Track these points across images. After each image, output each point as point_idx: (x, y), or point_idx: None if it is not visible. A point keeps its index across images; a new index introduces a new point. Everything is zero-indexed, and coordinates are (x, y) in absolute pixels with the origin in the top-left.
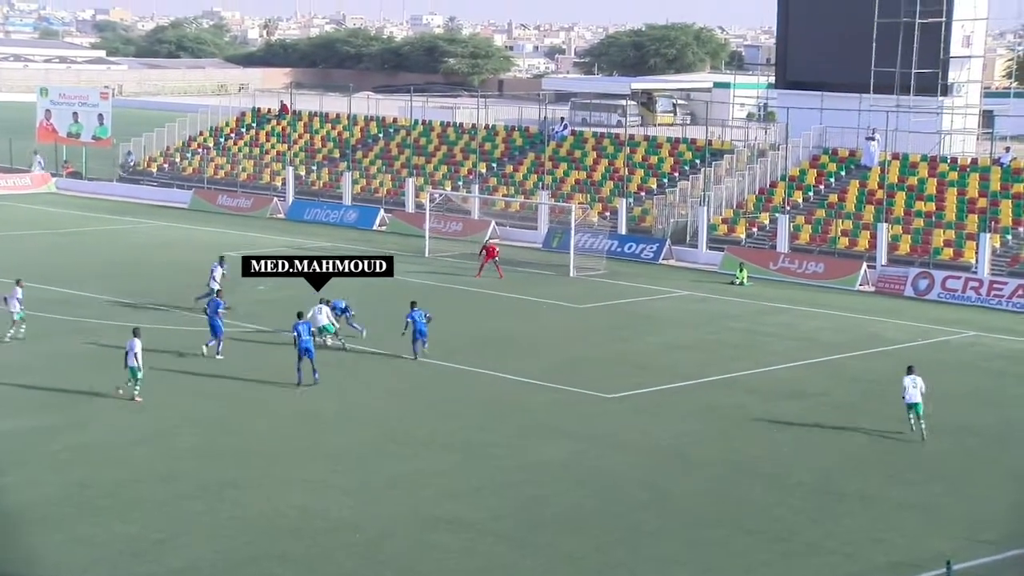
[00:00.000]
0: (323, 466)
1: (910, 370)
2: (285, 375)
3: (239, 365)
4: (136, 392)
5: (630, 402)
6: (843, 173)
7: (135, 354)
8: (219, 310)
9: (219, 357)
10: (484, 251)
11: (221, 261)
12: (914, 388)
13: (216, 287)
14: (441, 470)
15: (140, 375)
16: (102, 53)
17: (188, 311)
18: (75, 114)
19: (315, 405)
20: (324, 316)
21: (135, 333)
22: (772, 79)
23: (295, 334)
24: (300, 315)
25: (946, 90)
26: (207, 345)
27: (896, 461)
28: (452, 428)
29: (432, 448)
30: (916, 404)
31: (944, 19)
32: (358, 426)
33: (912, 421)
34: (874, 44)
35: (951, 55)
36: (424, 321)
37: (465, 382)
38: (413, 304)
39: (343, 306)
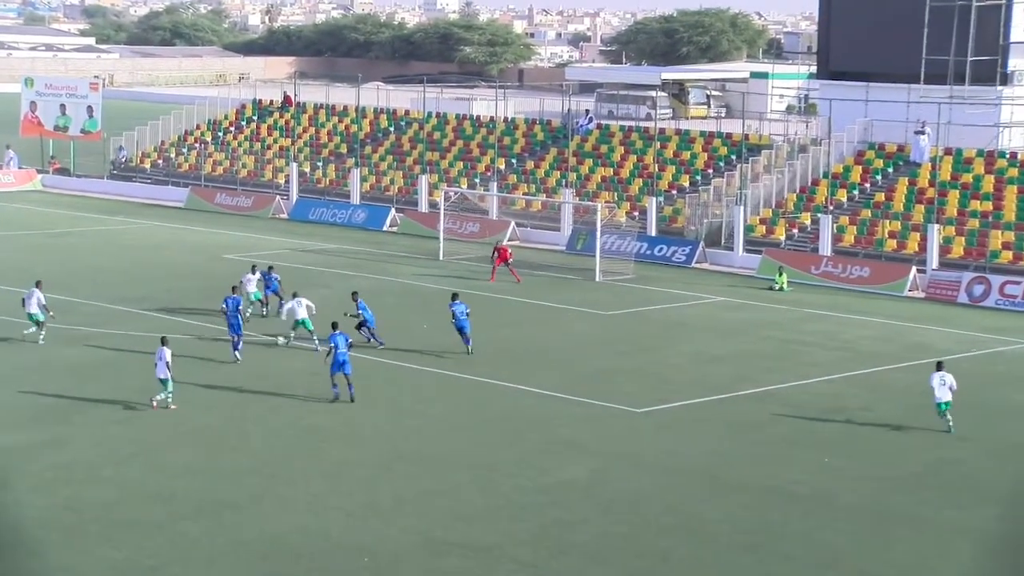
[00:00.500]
0: (326, 485)
1: (939, 366)
2: (286, 386)
3: (237, 374)
4: (169, 401)
5: (658, 417)
6: (891, 170)
7: (166, 363)
8: (239, 308)
9: (239, 358)
10: (496, 252)
11: (253, 269)
12: (943, 387)
13: (252, 290)
14: (453, 490)
15: (171, 384)
16: (91, 40)
17: (186, 317)
18: (63, 106)
19: (318, 419)
20: (303, 310)
21: (163, 342)
22: (813, 69)
23: (332, 345)
24: (335, 325)
25: (1006, 79)
26: (237, 350)
27: (947, 482)
28: (465, 445)
29: (443, 466)
30: (946, 403)
31: (1004, 1)
32: (364, 442)
33: (950, 420)
34: (926, 30)
35: (1012, 40)
36: (465, 317)
37: (479, 395)
38: (455, 296)
39: (370, 315)
